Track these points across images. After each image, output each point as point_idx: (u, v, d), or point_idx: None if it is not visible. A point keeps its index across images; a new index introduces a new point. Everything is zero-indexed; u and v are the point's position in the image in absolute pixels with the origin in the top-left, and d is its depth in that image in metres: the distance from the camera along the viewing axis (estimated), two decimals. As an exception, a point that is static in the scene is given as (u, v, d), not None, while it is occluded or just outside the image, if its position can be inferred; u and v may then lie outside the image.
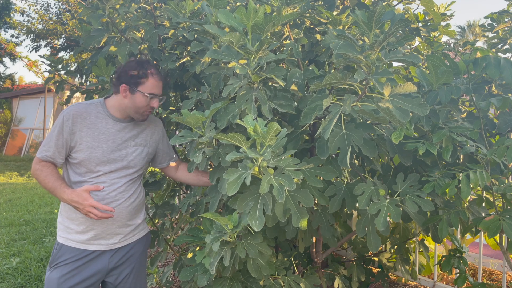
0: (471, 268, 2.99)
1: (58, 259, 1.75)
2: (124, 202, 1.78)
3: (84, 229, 1.75)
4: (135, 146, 1.81)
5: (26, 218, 5.45)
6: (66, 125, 1.70)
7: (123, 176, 1.78)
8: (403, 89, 1.24)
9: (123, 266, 1.85)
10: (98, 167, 1.73)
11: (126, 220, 1.81)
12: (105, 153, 1.73)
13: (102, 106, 1.78)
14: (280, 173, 1.29)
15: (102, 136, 1.74)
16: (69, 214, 1.76)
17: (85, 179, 1.74)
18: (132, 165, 1.80)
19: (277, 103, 1.44)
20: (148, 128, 1.87)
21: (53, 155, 1.72)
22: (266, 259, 1.56)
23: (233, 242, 1.46)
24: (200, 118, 1.44)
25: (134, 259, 1.88)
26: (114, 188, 1.75)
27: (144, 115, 1.78)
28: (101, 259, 1.78)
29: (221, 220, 1.40)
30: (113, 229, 1.78)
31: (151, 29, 1.97)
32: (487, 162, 1.43)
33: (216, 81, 1.58)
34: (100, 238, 1.76)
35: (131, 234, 1.86)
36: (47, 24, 12.25)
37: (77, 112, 1.72)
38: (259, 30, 1.37)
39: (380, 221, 1.40)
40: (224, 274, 1.62)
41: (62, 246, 1.76)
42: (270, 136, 1.22)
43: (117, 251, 1.82)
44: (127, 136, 1.79)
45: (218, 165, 1.55)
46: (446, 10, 2.15)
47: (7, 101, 15.40)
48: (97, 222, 1.74)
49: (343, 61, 1.29)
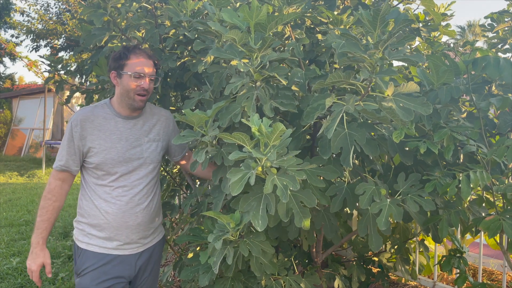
0: (471, 268, 2.99)
1: (83, 265, 1.72)
2: (148, 205, 1.77)
3: (106, 236, 1.71)
4: (149, 142, 1.78)
5: (26, 218, 5.45)
6: (75, 131, 1.68)
7: (143, 177, 1.75)
8: (406, 89, 1.24)
9: (146, 269, 1.84)
10: (115, 168, 1.70)
11: (149, 223, 1.79)
12: (120, 153, 1.70)
13: (108, 107, 1.75)
14: (284, 173, 1.29)
15: (114, 136, 1.71)
16: (90, 221, 1.73)
17: (106, 183, 1.71)
18: (148, 161, 1.77)
19: (279, 102, 1.44)
20: (159, 122, 1.84)
21: (66, 163, 1.70)
22: (269, 258, 1.56)
23: (235, 240, 1.46)
24: (203, 117, 1.44)
25: (153, 260, 1.87)
26: (136, 191, 1.73)
27: (137, 100, 1.70)
28: (127, 263, 1.75)
29: (223, 218, 1.40)
30: (137, 234, 1.75)
31: (152, 29, 1.97)
32: (487, 162, 1.43)
33: (219, 80, 1.58)
34: (125, 243, 1.74)
35: (152, 237, 1.84)
36: (47, 24, 12.24)
37: (84, 116, 1.70)
38: (262, 29, 1.37)
39: (382, 220, 1.40)
40: (227, 274, 1.62)
41: (85, 251, 1.72)
42: (275, 136, 1.21)
43: (141, 254, 1.79)
44: (139, 132, 1.76)
45: (221, 164, 1.54)
46: (446, 10, 2.15)
47: (7, 101, 15.39)
48: (122, 227, 1.71)
49: (346, 59, 1.29)
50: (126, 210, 1.71)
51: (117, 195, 1.70)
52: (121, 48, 1.74)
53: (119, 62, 1.69)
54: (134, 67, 1.68)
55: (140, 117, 1.79)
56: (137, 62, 1.68)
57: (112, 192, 1.70)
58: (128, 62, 1.68)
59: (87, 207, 1.73)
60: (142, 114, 1.80)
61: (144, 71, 1.69)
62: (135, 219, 1.73)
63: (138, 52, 1.70)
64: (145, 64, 1.70)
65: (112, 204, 1.70)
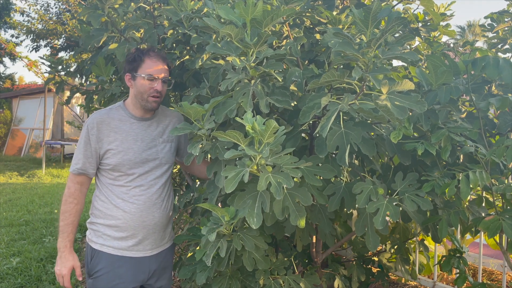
0: (471, 268, 2.99)
1: (97, 267, 1.72)
2: (164, 205, 1.78)
3: (123, 236, 1.71)
4: (163, 142, 1.80)
5: (26, 218, 5.45)
6: (92, 133, 1.69)
7: (159, 177, 1.77)
8: (400, 87, 1.24)
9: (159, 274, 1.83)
10: (132, 170, 1.71)
11: (166, 223, 1.81)
12: (136, 154, 1.71)
13: (123, 109, 1.77)
14: (278, 171, 1.29)
15: (130, 137, 1.72)
16: (106, 221, 1.73)
17: (122, 183, 1.71)
18: (164, 161, 1.79)
19: (275, 99, 1.44)
20: (171, 123, 1.85)
21: (83, 166, 1.70)
22: (261, 253, 1.57)
23: (229, 234, 1.46)
24: (200, 110, 1.45)
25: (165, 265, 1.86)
26: (153, 191, 1.74)
27: (150, 101, 1.72)
28: (141, 266, 1.75)
29: (218, 211, 1.40)
30: (153, 234, 1.76)
31: (151, 29, 1.98)
32: (486, 162, 1.43)
33: (215, 75, 1.58)
34: (140, 243, 1.74)
35: (165, 240, 1.85)
36: (47, 24, 12.24)
37: (100, 118, 1.71)
38: (258, 25, 1.37)
39: (379, 219, 1.40)
40: (220, 268, 1.62)
41: (99, 253, 1.72)
42: (268, 133, 1.22)
43: (154, 258, 1.79)
44: (154, 133, 1.78)
45: (216, 158, 1.55)
46: (446, 10, 2.15)
47: (7, 101, 15.39)
48: (139, 227, 1.72)
49: (340, 59, 1.30)
50: (144, 209, 1.72)
51: (134, 195, 1.71)
52: (136, 50, 1.77)
53: (133, 64, 1.72)
54: (147, 70, 1.70)
55: (154, 119, 1.81)
56: (151, 65, 1.71)
57: (129, 192, 1.71)
58: (142, 64, 1.71)
59: (103, 207, 1.73)
60: (156, 115, 1.82)
61: (157, 73, 1.71)
62: (152, 218, 1.74)
63: (152, 55, 1.72)
64: (159, 66, 1.72)
65: (130, 203, 1.71)
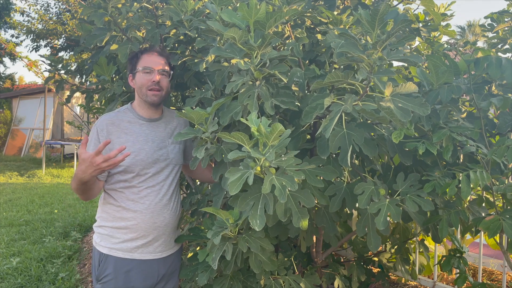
0: (471, 268, 2.99)
1: (105, 272, 1.71)
2: (174, 207, 1.79)
3: (134, 237, 1.71)
4: (172, 143, 1.80)
5: (26, 218, 5.45)
6: (101, 135, 1.68)
7: (169, 178, 1.77)
8: (404, 89, 1.24)
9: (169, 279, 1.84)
10: (144, 170, 1.71)
11: (176, 225, 1.81)
12: (148, 154, 1.71)
13: (131, 111, 1.77)
14: (282, 173, 1.29)
15: (141, 138, 1.72)
16: (115, 224, 1.72)
17: (133, 184, 1.71)
18: (174, 162, 1.79)
19: (280, 100, 1.44)
20: (179, 125, 1.86)
21: None
22: (267, 255, 1.56)
23: (234, 237, 1.46)
24: (203, 114, 1.45)
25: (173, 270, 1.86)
26: (164, 192, 1.74)
27: (149, 95, 1.72)
28: (150, 270, 1.74)
29: (222, 214, 1.40)
30: (163, 235, 1.76)
31: (153, 29, 1.98)
32: (487, 162, 1.43)
33: (221, 78, 1.58)
34: (149, 245, 1.73)
35: (174, 243, 1.84)
36: (47, 24, 12.23)
37: (110, 120, 1.71)
38: (261, 27, 1.37)
39: (380, 220, 1.40)
40: (225, 271, 1.62)
41: (107, 257, 1.71)
42: (274, 136, 1.22)
43: (162, 261, 1.79)
44: (163, 134, 1.78)
45: (221, 161, 1.55)
46: (446, 10, 2.15)
47: (7, 101, 15.38)
48: (150, 228, 1.71)
49: (344, 59, 1.29)
50: (155, 210, 1.72)
51: (145, 195, 1.71)
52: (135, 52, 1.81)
53: (132, 63, 1.76)
54: (143, 63, 1.73)
55: (161, 120, 1.81)
56: (147, 58, 1.74)
57: (140, 193, 1.71)
58: (139, 61, 1.74)
59: (112, 209, 1.72)
60: (163, 117, 1.82)
61: (153, 65, 1.72)
62: (162, 220, 1.74)
63: (149, 50, 1.76)
64: (155, 59, 1.74)
65: (141, 204, 1.70)
